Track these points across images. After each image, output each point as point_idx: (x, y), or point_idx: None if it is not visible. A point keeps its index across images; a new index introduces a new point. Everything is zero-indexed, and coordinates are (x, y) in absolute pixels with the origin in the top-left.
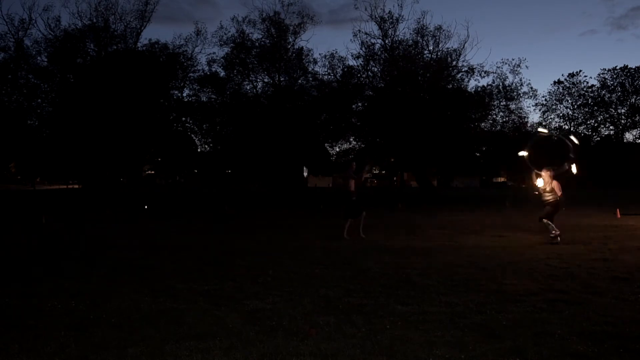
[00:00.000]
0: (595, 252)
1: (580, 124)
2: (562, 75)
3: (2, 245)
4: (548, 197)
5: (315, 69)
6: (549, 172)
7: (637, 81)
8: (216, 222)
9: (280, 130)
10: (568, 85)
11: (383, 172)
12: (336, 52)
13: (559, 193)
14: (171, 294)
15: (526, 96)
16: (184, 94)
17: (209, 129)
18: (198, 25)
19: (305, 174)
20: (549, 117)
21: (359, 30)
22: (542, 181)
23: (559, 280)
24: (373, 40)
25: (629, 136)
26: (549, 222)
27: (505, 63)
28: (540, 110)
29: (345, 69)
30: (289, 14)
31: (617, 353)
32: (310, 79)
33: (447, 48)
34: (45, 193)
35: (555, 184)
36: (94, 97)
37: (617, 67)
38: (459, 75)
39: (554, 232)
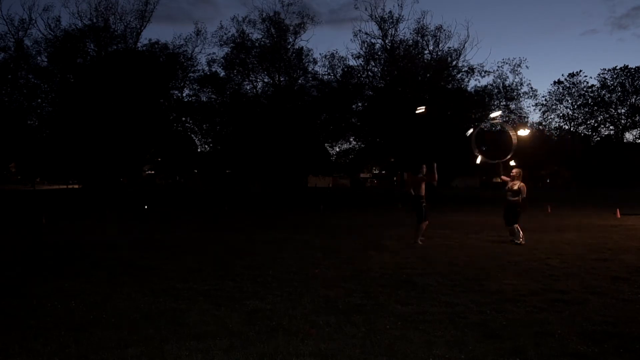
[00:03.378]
0: (595, 252)
1: (580, 124)
2: (562, 75)
3: (2, 245)
4: (512, 198)
5: (315, 69)
6: (518, 172)
7: (637, 81)
8: (216, 222)
9: (280, 130)
10: (568, 85)
11: (383, 172)
12: (336, 52)
13: (524, 195)
14: (171, 293)
15: (526, 96)
16: (184, 94)
17: (209, 129)
18: (198, 25)
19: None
20: (549, 117)
21: (359, 30)
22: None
23: (559, 280)
24: (373, 40)
25: (629, 136)
26: (519, 228)
27: (506, 63)
28: (540, 110)
29: (345, 69)
30: (289, 14)
31: (617, 353)
32: (310, 79)
33: (448, 48)
34: (45, 193)
35: (522, 185)
36: (94, 97)
37: (617, 67)
38: (459, 75)
39: (520, 239)
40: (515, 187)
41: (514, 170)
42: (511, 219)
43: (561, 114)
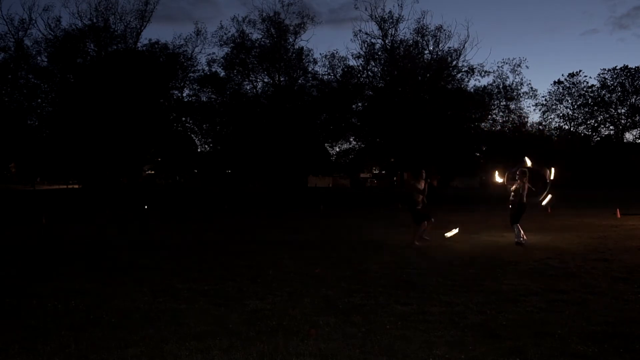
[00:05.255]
0: (595, 252)
1: (580, 124)
2: (562, 75)
3: (2, 246)
4: (512, 197)
5: (315, 69)
6: (522, 172)
7: (637, 81)
8: (216, 222)
9: (280, 130)
10: (568, 85)
11: (383, 172)
12: (337, 52)
13: (524, 198)
14: (171, 293)
15: (526, 96)
16: (184, 94)
17: (209, 129)
18: (198, 25)
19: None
20: (549, 117)
21: (359, 30)
22: (510, 178)
23: (559, 280)
24: (373, 40)
25: (629, 136)
26: (519, 228)
27: (506, 63)
28: (540, 110)
29: (346, 69)
30: (289, 14)
31: (617, 353)
32: (310, 78)
33: (448, 48)
34: (45, 193)
35: (525, 187)
36: (94, 97)
37: (617, 67)
38: (459, 75)
39: (521, 239)
40: (514, 187)
41: (519, 172)
42: (512, 219)
43: (561, 114)
